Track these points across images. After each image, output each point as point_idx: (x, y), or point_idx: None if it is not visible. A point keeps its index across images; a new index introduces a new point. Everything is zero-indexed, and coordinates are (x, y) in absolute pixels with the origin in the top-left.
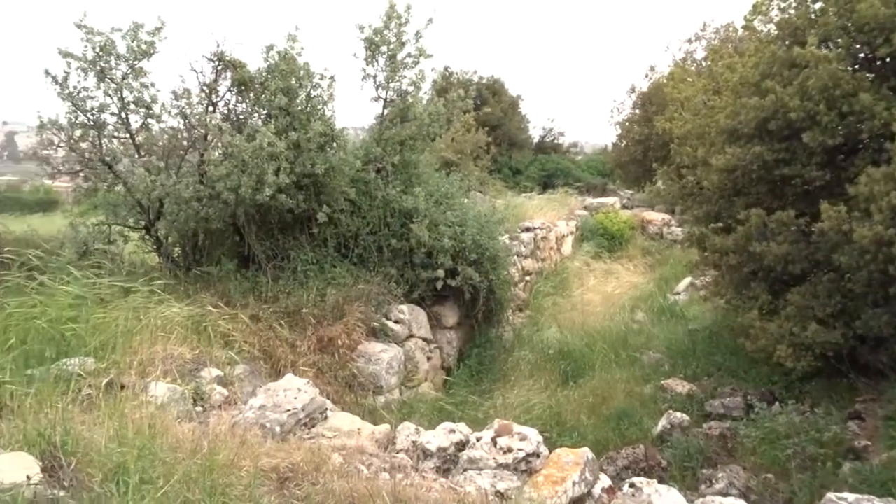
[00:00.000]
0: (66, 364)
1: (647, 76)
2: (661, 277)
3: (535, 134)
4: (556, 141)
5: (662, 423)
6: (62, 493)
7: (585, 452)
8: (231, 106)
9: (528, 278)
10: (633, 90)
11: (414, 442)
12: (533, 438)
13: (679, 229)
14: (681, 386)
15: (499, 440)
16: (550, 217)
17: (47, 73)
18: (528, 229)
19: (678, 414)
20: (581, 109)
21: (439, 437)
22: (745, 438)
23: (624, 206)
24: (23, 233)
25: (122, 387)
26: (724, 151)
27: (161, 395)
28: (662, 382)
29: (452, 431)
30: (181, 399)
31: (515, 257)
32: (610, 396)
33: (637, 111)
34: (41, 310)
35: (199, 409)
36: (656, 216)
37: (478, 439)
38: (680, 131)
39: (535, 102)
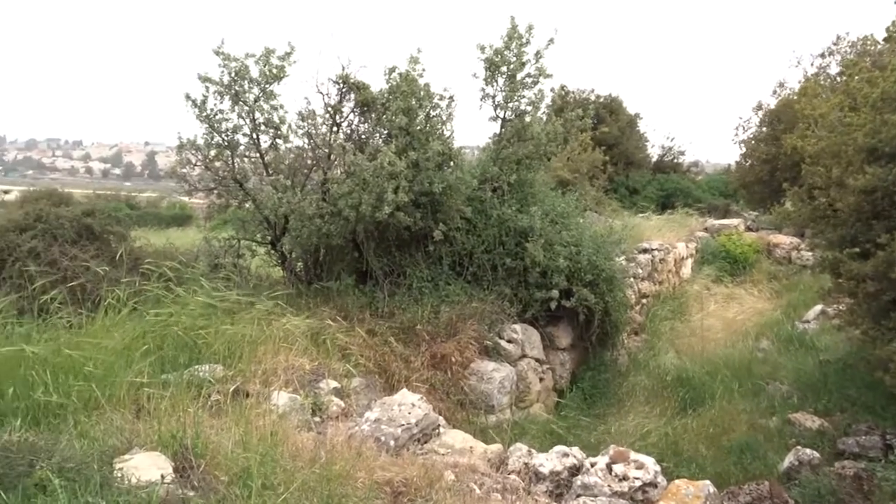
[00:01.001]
0: (197, 370)
1: (775, 92)
2: (789, 304)
3: (654, 153)
4: (675, 160)
5: (789, 460)
6: (191, 494)
7: (706, 485)
8: (354, 126)
9: (644, 301)
10: (759, 107)
11: (526, 464)
12: (650, 467)
13: (809, 253)
14: (810, 420)
15: (614, 467)
16: (669, 238)
17: (188, 97)
18: (645, 251)
19: (807, 450)
20: (702, 127)
21: (552, 460)
22: (884, 482)
23: (748, 229)
24: (162, 246)
25: (247, 394)
26: (862, 171)
27: (282, 404)
28: (790, 416)
29: (566, 455)
30: (301, 409)
31: (632, 279)
32: (731, 428)
33: (764, 129)
34: (176, 318)
35: (317, 419)
36: (784, 239)
37: (592, 465)
38: (812, 150)
39: (654, 120)
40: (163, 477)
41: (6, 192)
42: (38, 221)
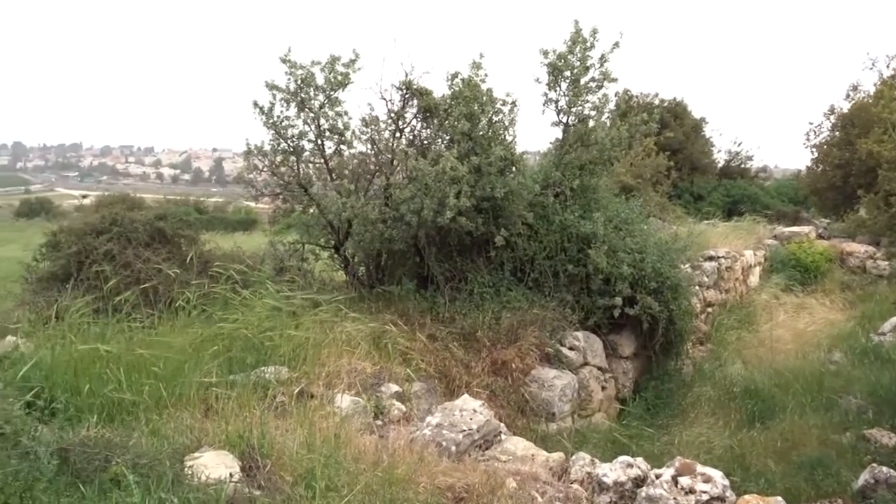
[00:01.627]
0: (263, 372)
1: (848, 96)
2: (864, 315)
3: (720, 158)
4: (742, 165)
5: (865, 478)
6: (258, 493)
7: (778, 501)
8: (416, 132)
9: (709, 310)
10: (832, 111)
11: (589, 473)
12: (718, 481)
13: (886, 263)
14: (887, 437)
15: (680, 479)
16: (736, 246)
17: (255, 104)
18: (711, 258)
19: (884, 468)
20: (771, 132)
21: (616, 470)
22: None
23: (819, 236)
24: (229, 249)
25: (312, 396)
26: None
27: (345, 406)
28: (865, 432)
29: (630, 466)
30: (363, 412)
31: (697, 287)
32: (802, 442)
33: (836, 133)
34: (243, 320)
35: (378, 422)
36: (858, 248)
37: (657, 476)
38: (890, 155)
39: (720, 125)
40: (231, 475)
41: (84, 196)
42: (114, 225)
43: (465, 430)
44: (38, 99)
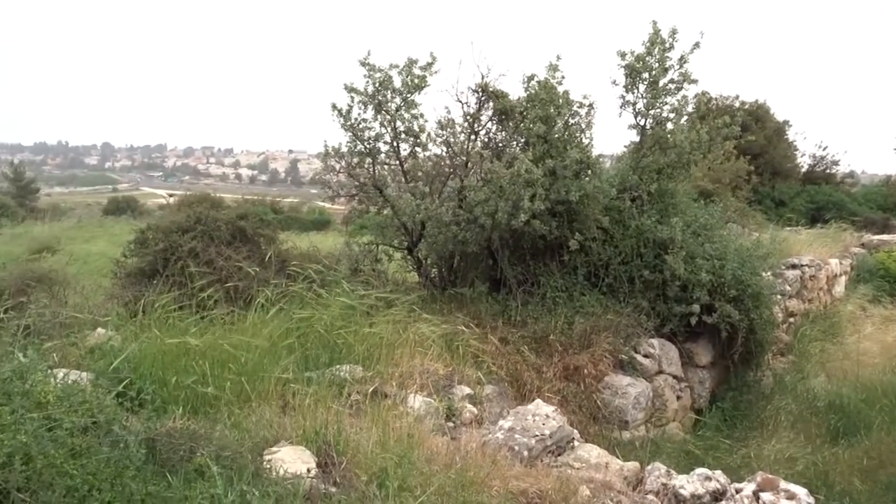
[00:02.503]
0: (338, 370)
1: None
2: None
3: (804, 162)
4: (827, 170)
5: None
6: (333, 489)
7: None
8: (491, 134)
9: (791, 320)
10: None
11: (664, 484)
12: (803, 498)
13: None
14: None
15: (762, 495)
16: (820, 254)
17: (334, 106)
18: (793, 266)
19: None
20: (859, 136)
21: (694, 482)
22: None
23: None
24: (306, 249)
25: (385, 396)
26: None
27: (418, 407)
28: None
29: (708, 479)
30: (435, 413)
31: (779, 296)
32: (890, 461)
33: None
34: (318, 318)
35: (450, 424)
36: None
37: (737, 491)
38: None
39: (804, 128)
40: (308, 471)
41: (171, 195)
42: (198, 223)
43: (537, 436)
44: (126, 101)
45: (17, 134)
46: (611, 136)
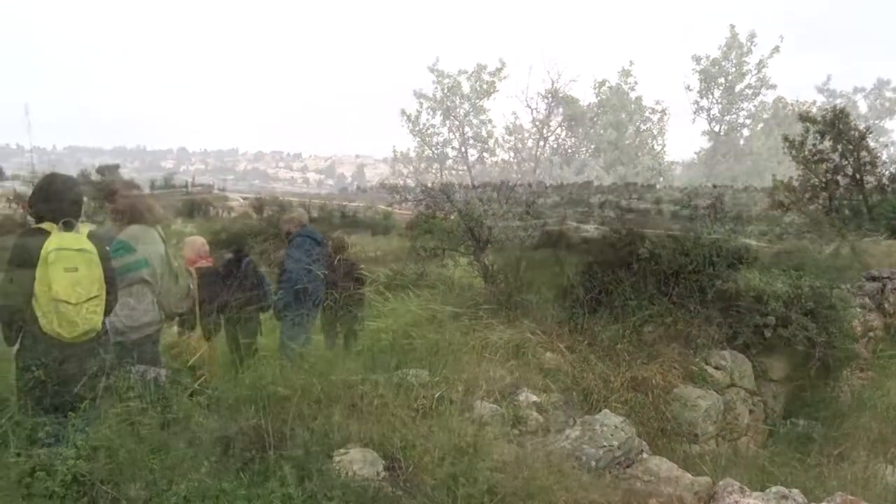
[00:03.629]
0: (405, 374)
1: None
2: None
3: (886, 170)
4: None
5: None
6: (400, 493)
7: None
8: (560, 140)
9: (871, 334)
10: None
11: (737, 502)
12: None
13: None
14: None
15: None
16: None
17: (403, 112)
18: (874, 279)
19: None
20: None
21: (770, 500)
22: None
23: None
24: (373, 253)
25: (451, 401)
26: None
27: (484, 413)
28: None
29: (785, 497)
30: (501, 420)
31: (858, 309)
32: None
33: None
34: (385, 322)
35: (516, 431)
36: None
37: None
38: None
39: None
40: (378, 473)
41: (245, 198)
42: (269, 226)
43: (605, 446)
44: (200, 107)
45: (98, 138)
46: (682, 141)
